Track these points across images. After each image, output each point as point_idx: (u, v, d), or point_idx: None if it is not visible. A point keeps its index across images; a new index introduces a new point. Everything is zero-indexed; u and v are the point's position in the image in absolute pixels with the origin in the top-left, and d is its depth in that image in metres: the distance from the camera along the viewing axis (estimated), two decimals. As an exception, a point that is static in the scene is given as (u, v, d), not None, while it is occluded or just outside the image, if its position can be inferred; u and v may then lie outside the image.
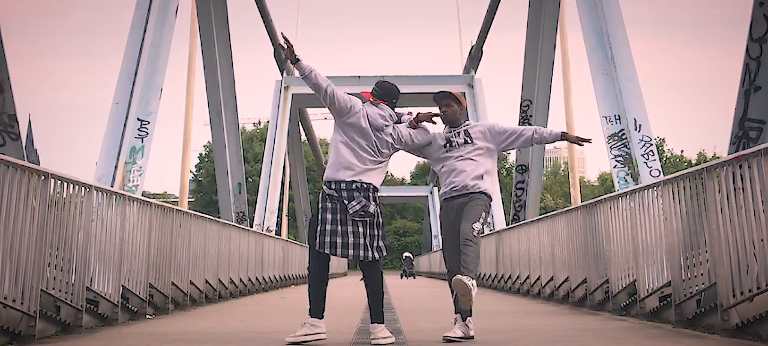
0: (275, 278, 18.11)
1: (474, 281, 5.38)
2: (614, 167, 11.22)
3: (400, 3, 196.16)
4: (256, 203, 23.85)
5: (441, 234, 6.05)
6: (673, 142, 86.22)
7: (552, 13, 15.51)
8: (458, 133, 5.95)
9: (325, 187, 5.58)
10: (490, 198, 5.86)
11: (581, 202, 12.27)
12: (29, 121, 14.99)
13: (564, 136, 6.07)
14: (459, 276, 5.36)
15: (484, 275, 17.11)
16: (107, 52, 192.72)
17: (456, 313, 5.83)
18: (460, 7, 52.38)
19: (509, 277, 14.46)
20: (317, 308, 5.59)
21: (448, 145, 5.95)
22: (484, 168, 5.87)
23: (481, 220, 5.69)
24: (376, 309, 5.59)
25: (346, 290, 17.00)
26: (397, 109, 5.88)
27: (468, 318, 5.78)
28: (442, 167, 5.96)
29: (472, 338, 5.76)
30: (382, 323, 5.60)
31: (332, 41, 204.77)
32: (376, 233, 5.57)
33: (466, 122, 6.06)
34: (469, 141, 5.92)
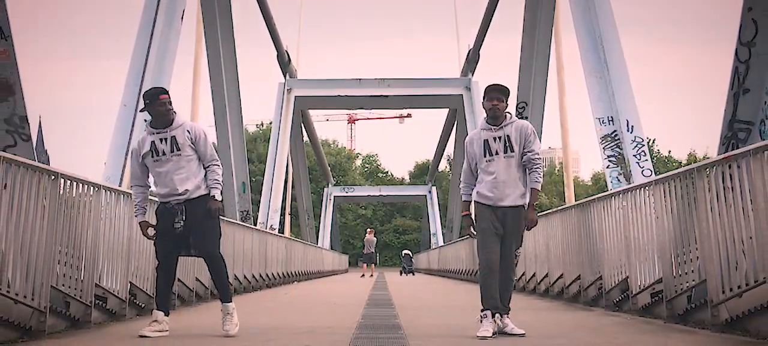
0: (278, 274, 18.28)
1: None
2: (607, 167, 11.33)
3: (398, 7, 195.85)
4: (259, 202, 23.99)
5: (479, 230, 5.91)
6: (663, 143, 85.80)
7: (547, 18, 15.65)
8: (499, 137, 5.84)
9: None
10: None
11: (575, 201, 12.40)
12: (39, 123, 15.08)
13: (529, 202, 5.94)
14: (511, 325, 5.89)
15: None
16: (114, 54, 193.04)
17: (484, 310, 5.80)
18: (457, 11, 52.43)
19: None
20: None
21: (487, 153, 5.86)
22: (522, 178, 5.89)
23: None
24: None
25: (348, 287, 17.11)
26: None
27: (497, 313, 5.85)
28: (483, 173, 5.91)
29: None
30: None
31: (332, 44, 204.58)
32: None
33: (508, 120, 5.93)
34: (509, 148, 5.83)
